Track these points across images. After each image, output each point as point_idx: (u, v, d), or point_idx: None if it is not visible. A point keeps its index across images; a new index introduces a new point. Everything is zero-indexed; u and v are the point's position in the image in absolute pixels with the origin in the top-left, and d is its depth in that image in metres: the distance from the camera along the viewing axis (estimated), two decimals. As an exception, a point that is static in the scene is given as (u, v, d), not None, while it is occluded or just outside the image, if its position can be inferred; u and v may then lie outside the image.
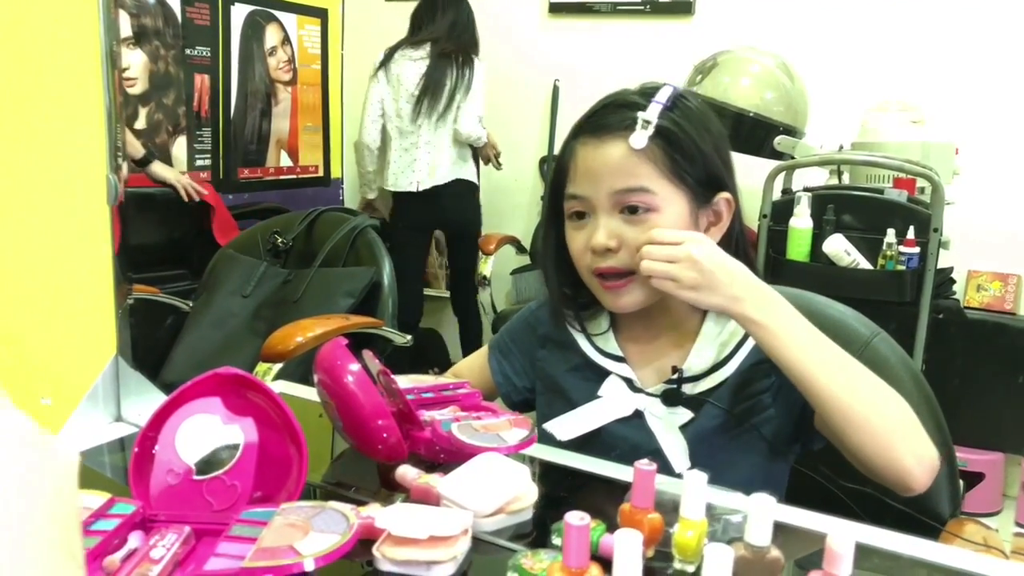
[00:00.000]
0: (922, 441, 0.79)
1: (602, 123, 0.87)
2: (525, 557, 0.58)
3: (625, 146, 0.84)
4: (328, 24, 3.34)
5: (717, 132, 0.89)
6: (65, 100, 0.86)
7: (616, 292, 0.87)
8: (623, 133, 0.84)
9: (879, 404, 0.79)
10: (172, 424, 0.67)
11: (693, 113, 0.87)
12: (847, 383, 0.78)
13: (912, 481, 0.78)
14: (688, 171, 0.85)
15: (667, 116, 0.85)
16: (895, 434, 0.78)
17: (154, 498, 0.64)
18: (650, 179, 0.84)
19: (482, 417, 0.79)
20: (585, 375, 0.94)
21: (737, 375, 0.88)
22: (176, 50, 2.78)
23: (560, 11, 3.10)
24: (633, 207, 0.85)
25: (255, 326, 1.87)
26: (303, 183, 3.28)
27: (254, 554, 0.55)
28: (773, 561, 0.55)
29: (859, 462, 0.80)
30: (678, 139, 0.85)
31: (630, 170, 0.84)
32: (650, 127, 0.84)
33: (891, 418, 0.79)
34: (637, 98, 0.87)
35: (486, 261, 2.96)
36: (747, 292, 0.80)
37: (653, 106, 0.85)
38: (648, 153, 0.84)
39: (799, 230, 2.00)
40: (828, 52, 2.64)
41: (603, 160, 0.85)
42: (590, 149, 0.87)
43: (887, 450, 0.77)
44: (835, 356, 0.80)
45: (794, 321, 0.81)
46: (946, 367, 2.08)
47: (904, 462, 0.77)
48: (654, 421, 0.89)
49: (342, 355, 0.73)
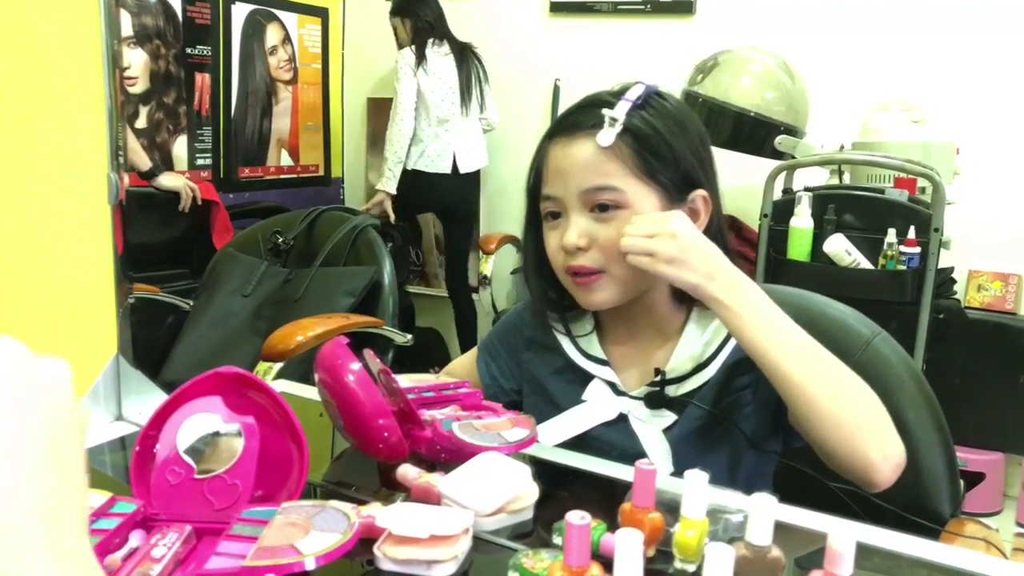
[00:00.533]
0: (889, 436, 0.79)
1: (572, 122, 0.87)
2: (526, 556, 0.58)
3: (593, 144, 0.84)
4: (329, 23, 3.34)
5: (695, 131, 0.89)
6: (66, 99, 0.86)
7: (587, 288, 0.87)
8: (592, 132, 0.84)
9: (846, 395, 0.78)
10: (173, 423, 0.67)
11: (667, 112, 0.87)
12: (813, 371, 0.78)
13: (876, 475, 0.77)
14: (659, 169, 0.85)
15: (636, 114, 0.85)
16: (860, 427, 0.77)
17: (155, 497, 0.64)
18: (618, 177, 0.84)
19: (483, 416, 0.79)
20: (569, 378, 0.94)
21: (720, 374, 0.88)
22: (177, 49, 2.78)
23: (561, 10, 3.10)
24: (603, 205, 0.84)
25: (256, 325, 1.87)
26: (303, 182, 3.28)
27: (255, 553, 0.55)
28: (774, 561, 0.55)
29: (824, 453, 0.79)
30: (647, 137, 0.84)
31: (598, 168, 0.84)
32: (617, 124, 0.83)
33: (857, 411, 0.78)
34: (609, 97, 0.87)
35: (487, 261, 2.96)
36: (719, 272, 0.80)
37: (621, 104, 0.85)
38: (616, 151, 0.84)
39: (800, 230, 2.00)
40: (829, 52, 2.64)
41: (572, 159, 0.85)
42: (560, 148, 0.87)
43: (850, 441, 0.76)
44: (804, 344, 0.80)
45: (763, 306, 0.80)
46: (947, 367, 2.08)
47: (869, 455, 0.76)
48: (638, 424, 0.89)
49: (343, 354, 0.73)
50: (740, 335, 0.80)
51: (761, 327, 0.79)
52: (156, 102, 2.74)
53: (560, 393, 0.94)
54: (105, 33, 0.86)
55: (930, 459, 0.93)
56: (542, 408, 0.94)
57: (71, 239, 0.89)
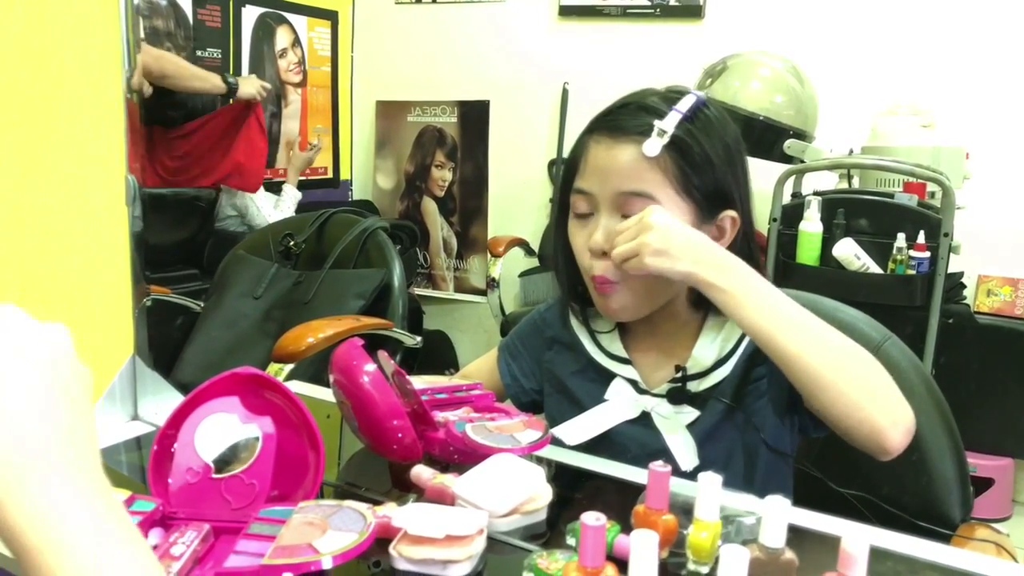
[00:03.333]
0: (897, 402, 0.79)
1: (618, 124, 0.87)
2: (540, 557, 0.59)
3: (637, 150, 0.84)
4: (338, 26, 3.36)
5: (734, 143, 0.89)
6: (85, 101, 0.87)
7: (606, 296, 0.88)
8: (638, 138, 0.84)
9: (847, 365, 0.78)
10: (191, 423, 0.67)
11: (712, 125, 0.87)
12: (814, 343, 0.78)
13: (886, 441, 0.77)
14: (696, 184, 0.85)
15: (684, 127, 0.84)
16: (867, 394, 0.77)
17: (173, 496, 0.65)
18: (656, 187, 0.84)
19: (496, 418, 0.80)
20: (591, 377, 0.95)
21: (738, 368, 0.89)
22: (187, 52, 2.79)
23: (570, 14, 3.10)
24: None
25: (266, 327, 1.88)
26: (312, 184, 3.29)
27: (273, 552, 0.56)
28: (787, 563, 0.56)
29: (834, 424, 0.79)
30: (691, 151, 0.84)
31: (639, 175, 0.84)
32: (666, 136, 0.83)
33: (862, 379, 0.78)
34: (658, 103, 0.87)
35: (495, 263, 2.97)
36: (707, 256, 0.81)
37: (672, 115, 0.84)
38: (659, 162, 0.84)
39: (809, 234, 2.00)
40: (838, 56, 2.63)
41: (614, 160, 0.86)
42: (603, 147, 0.87)
43: (857, 409, 0.77)
44: (801, 319, 0.80)
45: (756, 284, 0.81)
46: (956, 372, 2.07)
47: (876, 420, 0.76)
48: (661, 421, 0.89)
49: (358, 355, 0.74)
50: (738, 316, 0.80)
51: (757, 305, 0.79)
52: (167, 104, 2.75)
53: (582, 392, 0.95)
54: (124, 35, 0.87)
55: (941, 464, 0.93)
56: (564, 407, 0.95)
57: (88, 240, 0.90)
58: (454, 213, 3.29)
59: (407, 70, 3.37)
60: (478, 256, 3.26)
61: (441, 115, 3.27)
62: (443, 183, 3.29)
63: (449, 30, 3.27)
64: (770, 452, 0.89)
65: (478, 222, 3.26)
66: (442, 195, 3.30)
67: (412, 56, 3.36)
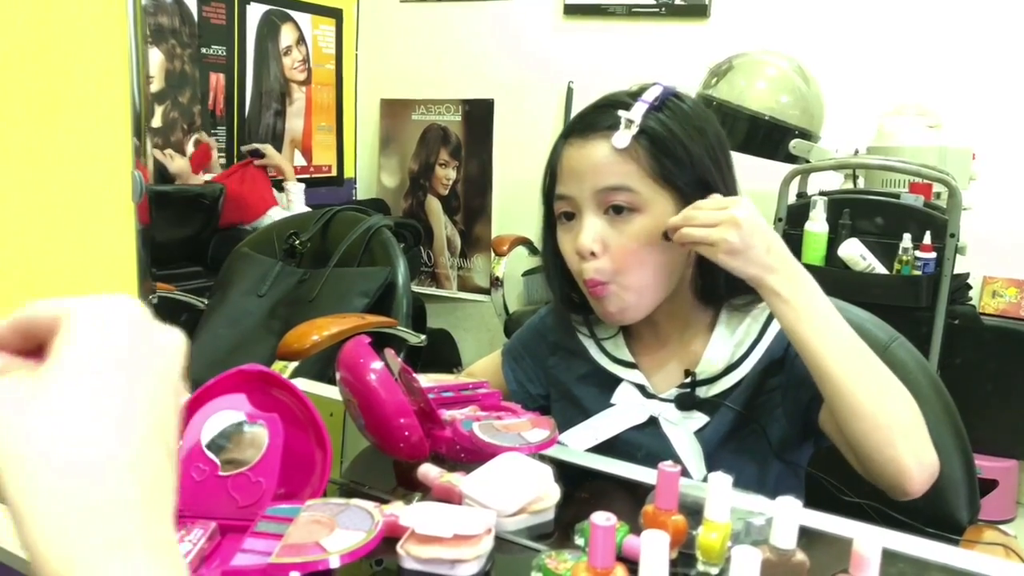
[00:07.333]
0: (925, 444, 0.78)
1: (588, 123, 0.87)
2: (549, 557, 0.58)
3: (608, 146, 0.84)
4: (343, 24, 3.35)
5: (712, 134, 0.88)
6: (92, 99, 0.87)
7: (601, 300, 0.86)
8: (608, 132, 0.84)
9: (889, 399, 0.78)
10: (198, 420, 0.67)
11: (684, 114, 0.86)
12: (861, 372, 0.77)
13: (909, 483, 0.76)
14: (675, 173, 0.84)
15: (653, 116, 0.84)
16: (900, 432, 0.76)
17: (179, 493, 0.65)
18: (633, 178, 0.83)
19: (503, 417, 0.80)
20: (597, 382, 0.94)
21: (751, 375, 0.88)
22: (192, 49, 2.79)
23: (575, 13, 3.10)
24: (618, 207, 0.84)
25: (270, 325, 1.88)
26: (316, 182, 3.29)
27: (281, 550, 0.56)
28: (798, 564, 0.55)
29: (859, 455, 0.78)
30: (663, 140, 0.84)
31: (613, 169, 0.84)
32: (633, 126, 0.83)
33: (899, 415, 0.77)
34: (626, 98, 0.86)
35: (499, 262, 2.96)
36: (780, 264, 0.79)
37: (638, 106, 0.84)
38: (631, 153, 0.83)
39: (814, 234, 2.00)
40: (844, 55, 2.63)
41: (587, 159, 0.85)
42: (575, 148, 0.86)
43: (889, 447, 0.76)
44: (854, 345, 0.79)
45: (819, 302, 0.79)
46: (961, 373, 2.07)
47: (904, 460, 0.75)
48: (669, 427, 0.88)
49: (365, 353, 0.74)
50: (792, 329, 0.78)
51: (815, 324, 0.78)
52: (171, 101, 2.75)
53: (588, 398, 0.94)
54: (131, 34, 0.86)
55: (948, 465, 0.92)
56: (570, 414, 0.93)
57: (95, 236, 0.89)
58: (458, 212, 3.29)
59: (411, 68, 3.37)
60: (482, 255, 3.26)
61: (445, 113, 3.26)
62: (447, 181, 3.29)
63: (454, 28, 3.27)
64: (781, 463, 0.88)
65: (482, 221, 3.26)
66: (446, 193, 3.30)
67: (416, 54, 3.36)
